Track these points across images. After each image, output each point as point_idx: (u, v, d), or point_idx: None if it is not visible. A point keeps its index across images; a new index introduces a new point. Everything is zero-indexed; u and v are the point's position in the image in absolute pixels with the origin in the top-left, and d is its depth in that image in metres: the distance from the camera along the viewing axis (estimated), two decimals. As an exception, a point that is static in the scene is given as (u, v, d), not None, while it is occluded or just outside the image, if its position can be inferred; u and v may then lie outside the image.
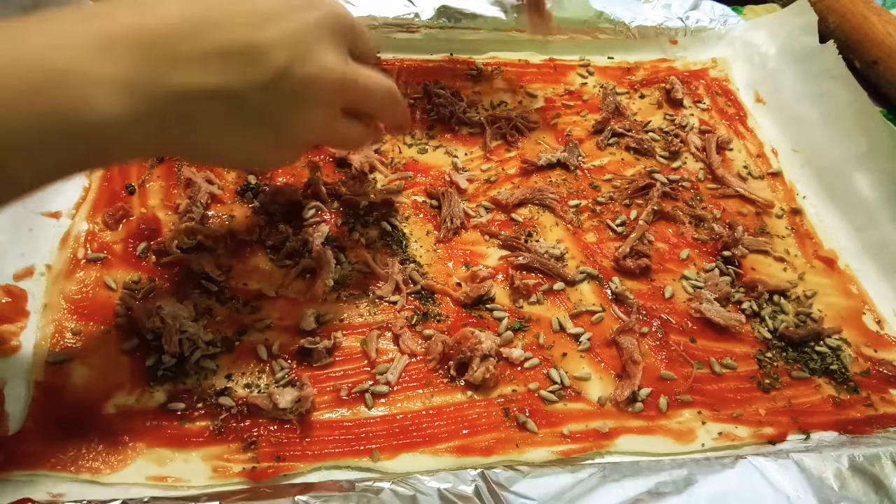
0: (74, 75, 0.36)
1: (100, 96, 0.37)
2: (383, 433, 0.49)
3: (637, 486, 0.46)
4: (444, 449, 0.49)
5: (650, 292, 0.61)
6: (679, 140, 0.75)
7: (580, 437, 0.51)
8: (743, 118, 0.80)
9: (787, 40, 0.81)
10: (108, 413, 0.48)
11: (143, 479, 0.45)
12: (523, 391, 0.53)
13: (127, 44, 0.37)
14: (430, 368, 0.53)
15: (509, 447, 0.50)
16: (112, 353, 0.51)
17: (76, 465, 0.45)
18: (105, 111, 0.37)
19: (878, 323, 0.63)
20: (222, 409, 0.49)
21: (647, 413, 0.53)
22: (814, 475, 0.48)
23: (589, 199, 0.68)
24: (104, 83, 0.37)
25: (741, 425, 0.54)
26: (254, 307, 0.55)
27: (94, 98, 0.36)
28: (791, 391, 0.57)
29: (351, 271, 0.59)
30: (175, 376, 0.50)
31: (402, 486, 0.44)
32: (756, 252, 0.66)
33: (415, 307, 0.57)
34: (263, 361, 0.52)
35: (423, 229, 0.63)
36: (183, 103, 0.40)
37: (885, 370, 0.59)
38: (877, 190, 0.69)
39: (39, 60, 0.35)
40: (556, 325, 0.57)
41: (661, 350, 0.57)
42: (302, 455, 0.48)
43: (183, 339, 0.51)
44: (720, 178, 0.72)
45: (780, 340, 0.60)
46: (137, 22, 0.38)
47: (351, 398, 0.51)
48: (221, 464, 0.47)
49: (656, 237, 0.66)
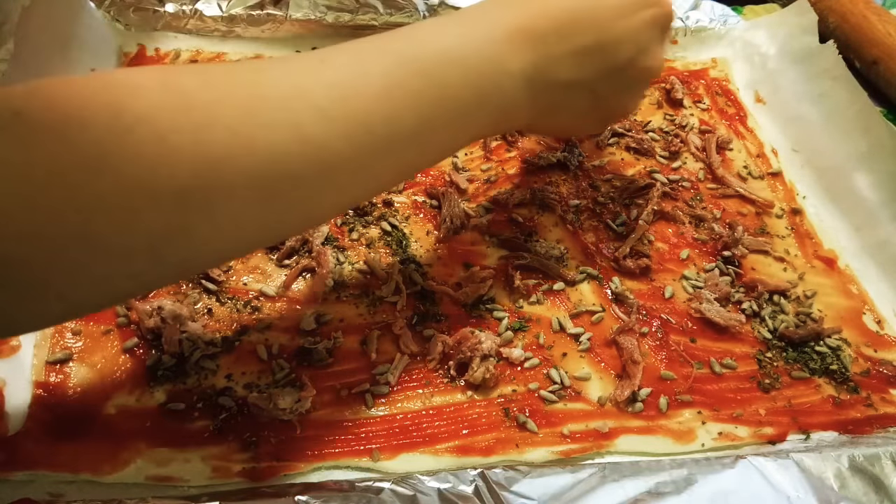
0: (494, 65, 0.43)
1: (509, 86, 0.44)
2: (383, 433, 0.49)
3: (637, 486, 0.46)
4: (444, 449, 0.49)
5: (650, 292, 0.61)
6: (679, 140, 0.75)
7: (580, 437, 0.51)
8: (743, 118, 0.80)
9: (787, 40, 0.81)
10: (108, 413, 0.48)
11: (143, 479, 0.45)
12: (523, 391, 0.53)
13: (525, 39, 0.44)
14: (430, 368, 0.53)
15: (509, 447, 0.50)
16: (112, 353, 0.51)
17: (76, 465, 0.45)
18: (510, 99, 0.44)
19: (878, 323, 0.63)
20: (222, 409, 0.49)
21: (647, 413, 0.53)
22: (814, 475, 0.48)
23: (589, 199, 0.68)
24: (513, 75, 0.44)
25: (741, 425, 0.54)
26: (254, 307, 0.55)
27: (505, 86, 0.43)
28: (791, 391, 0.57)
29: (351, 271, 0.59)
30: (175, 376, 0.50)
31: (402, 486, 0.44)
32: (756, 252, 0.66)
33: (415, 307, 0.57)
34: (263, 361, 0.52)
35: (423, 229, 0.63)
36: (554, 93, 0.46)
37: (885, 370, 0.59)
38: (877, 190, 0.69)
39: (476, 50, 0.42)
40: (556, 325, 0.57)
41: (661, 350, 0.57)
42: (302, 455, 0.48)
43: (183, 339, 0.51)
44: (720, 178, 0.72)
45: (780, 340, 0.60)
46: (529, 18, 0.45)
47: (351, 398, 0.51)
48: (221, 464, 0.47)
49: (656, 237, 0.66)
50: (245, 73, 0.37)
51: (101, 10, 0.71)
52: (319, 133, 0.36)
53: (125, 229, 0.31)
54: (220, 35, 0.75)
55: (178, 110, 0.32)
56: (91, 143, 0.29)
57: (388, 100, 0.39)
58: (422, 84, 0.40)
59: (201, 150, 0.32)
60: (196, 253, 0.36)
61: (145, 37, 0.73)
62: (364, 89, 0.38)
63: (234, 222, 0.35)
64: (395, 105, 0.39)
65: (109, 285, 0.34)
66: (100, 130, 0.30)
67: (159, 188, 0.31)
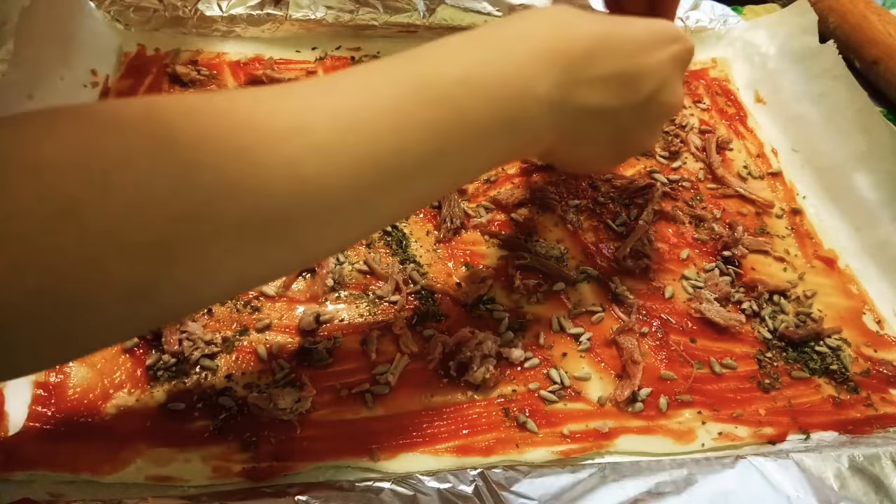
0: (519, 90, 0.40)
1: (534, 109, 0.41)
2: (383, 433, 0.49)
3: (637, 486, 0.46)
4: (444, 449, 0.49)
5: (650, 292, 0.61)
6: (679, 140, 0.75)
7: (580, 437, 0.51)
8: (743, 118, 0.80)
9: (787, 40, 0.81)
10: (108, 413, 0.48)
11: (143, 479, 0.45)
12: (523, 391, 0.53)
13: (553, 60, 0.41)
14: (430, 368, 0.53)
15: (509, 447, 0.50)
16: (112, 353, 0.51)
17: (76, 465, 0.45)
18: (534, 125, 0.42)
19: (878, 323, 0.63)
20: (222, 409, 0.49)
21: (647, 413, 0.53)
22: (814, 475, 0.48)
23: (589, 199, 0.68)
24: (539, 99, 0.41)
25: (741, 425, 0.54)
26: (254, 307, 0.55)
27: (530, 110, 0.41)
28: (791, 391, 0.57)
29: (351, 271, 0.59)
30: (175, 376, 0.50)
31: (402, 486, 0.44)
32: (756, 252, 0.66)
33: (415, 307, 0.57)
34: (263, 361, 0.52)
35: (423, 229, 0.63)
36: (578, 120, 0.44)
37: (885, 370, 0.59)
38: (877, 190, 0.69)
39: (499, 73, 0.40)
40: (556, 325, 0.57)
41: (661, 350, 0.57)
42: (302, 455, 0.48)
43: (183, 339, 0.51)
44: (720, 178, 0.72)
45: (780, 340, 0.60)
46: (556, 42, 0.42)
47: (351, 398, 0.51)
48: (221, 464, 0.47)
49: (656, 237, 0.66)
50: (241, 101, 0.34)
51: (101, 10, 0.71)
52: (319, 171, 0.33)
53: (93, 284, 0.28)
54: (220, 35, 0.75)
55: (160, 150, 0.29)
56: (63, 195, 0.27)
57: (398, 131, 0.36)
58: (438, 113, 0.37)
59: (182, 196, 0.29)
60: (178, 301, 0.32)
61: (145, 37, 0.73)
62: (372, 120, 0.35)
63: (220, 267, 0.32)
64: (406, 136, 0.36)
65: (80, 341, 0.31)
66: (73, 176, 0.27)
67: (132, 240, 0.28)
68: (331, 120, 0.34)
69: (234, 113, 0.32)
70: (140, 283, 0.29)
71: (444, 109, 0.38)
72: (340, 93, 0.36)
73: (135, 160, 0.29)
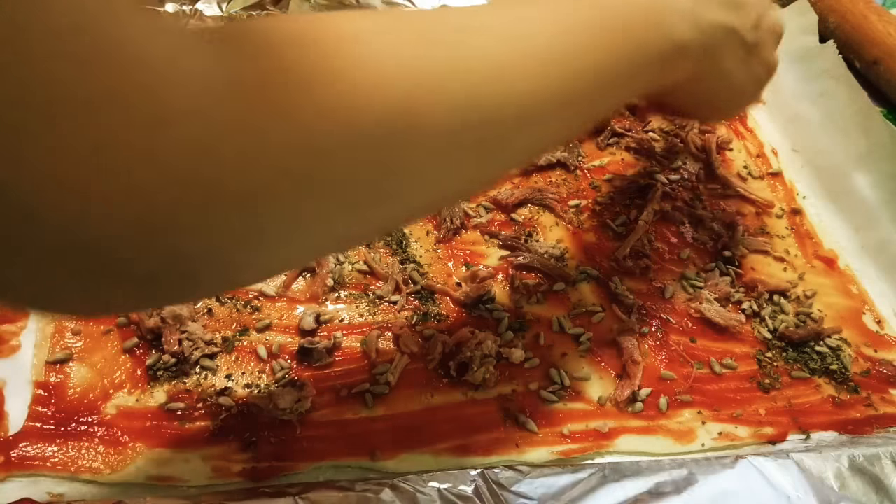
0: (664, 7, 0.43)
1: (678, 24, 0.44)
2: (383, 433, 0.49)
3: (637, 486, 0.46)
4: (444, 449, 0.49)
5: (650, 292, 0.61)
6: (679, 140, 0.75)
7: (580, 437, 0.51)
8: (743, 118, 0.80)
9: (787, 40, 0.81)
10: (108, 413, 0.48)
11: (143, 479, 0.45)
12: (523, 391, 0.53)
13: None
14: (430, 368, 0.53)
15: (509, 447, 0.50)
16: (112, 353, 0.51)
17: (76, 465, 0.45)
18: (680, 38, 0.44)
19: (878, 323, 0.63)
20: (222, 409, 0.49)
21: (647, 413, 0.53)
22: (814, 475, 0.48)
23: (589, 199, 0.68)
24: (682, 13, 0.44)
25: (741, 425, 0.54)
26: (254, 307, 0.55)
27: (674, 26, 0.44)
28: (791, 391, 0.57)
29: (351, 271, 0.59)
30: (175, 376, 0.50)
31: (402, 486, 0.44)
32: (756, 252, 0.66)
33: (415, 307, 0.57)
34: (263, 361, 0.52)
35: (423, 229, 0.63)
36: (713, 36, 0.47)
37: (885, 370, 0.59)
38: (877, 190, 0.69)
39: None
40: (556, 325, 0.57)
41: (661, 350, 0.57)
42: (302, 455, 0.48)
43: (183, 339, 0.51)
44: (720, 178, 0.72)
45: (780, 340, 0.60)
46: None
47: (351, 398, 0.51)
48: (221, 464, 0.47)
49: (656, 237, 0.66)
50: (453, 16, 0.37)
51: (101, 10, 0.71)
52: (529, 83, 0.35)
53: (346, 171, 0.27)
54: (220, 35, 0.75)
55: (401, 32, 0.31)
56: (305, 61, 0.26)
57: (594, 49, 0.38)
58: (616, 35, 0.40)
59: (415, 72, 0.29)
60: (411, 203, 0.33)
61: (145, 37, 0.73)
62: (566, 38, 0.37)
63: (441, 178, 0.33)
64: (598, 56, 0.38)
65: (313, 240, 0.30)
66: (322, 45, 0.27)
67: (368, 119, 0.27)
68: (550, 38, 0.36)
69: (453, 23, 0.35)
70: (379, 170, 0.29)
71: (623, 29, 0.41)
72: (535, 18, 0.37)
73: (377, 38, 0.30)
